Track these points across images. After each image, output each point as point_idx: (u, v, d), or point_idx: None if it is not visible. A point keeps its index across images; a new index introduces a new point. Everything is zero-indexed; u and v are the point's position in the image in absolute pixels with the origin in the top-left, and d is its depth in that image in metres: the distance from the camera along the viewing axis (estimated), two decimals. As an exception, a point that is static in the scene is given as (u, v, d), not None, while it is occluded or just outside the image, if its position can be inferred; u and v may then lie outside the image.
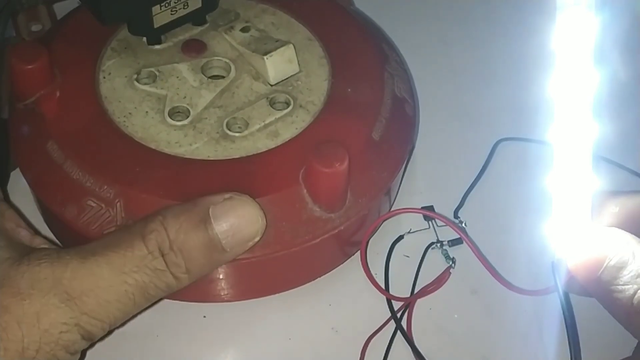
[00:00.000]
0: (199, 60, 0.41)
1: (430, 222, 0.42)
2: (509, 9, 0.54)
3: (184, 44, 0.42)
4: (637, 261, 0.32)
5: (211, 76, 0.41)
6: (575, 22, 0.32)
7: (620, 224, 0.34)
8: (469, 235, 0.41)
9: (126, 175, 0.36)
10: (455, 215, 0.43)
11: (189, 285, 0.34)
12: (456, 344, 0.38)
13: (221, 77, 0.41)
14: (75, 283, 0.31)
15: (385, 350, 0.37)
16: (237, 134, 0.38)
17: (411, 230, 0.42)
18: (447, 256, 0.41)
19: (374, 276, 0.40)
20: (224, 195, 0.33)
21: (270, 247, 0.36)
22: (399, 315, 0.38)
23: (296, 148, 0.38)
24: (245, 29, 0.42)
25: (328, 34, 0.43)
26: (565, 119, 0.33)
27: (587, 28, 0.32)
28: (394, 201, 0.43)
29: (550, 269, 0.35)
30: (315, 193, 0.36)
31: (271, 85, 0.40)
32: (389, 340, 0.37)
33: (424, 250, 0.41)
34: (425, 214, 0.41)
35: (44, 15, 0.45)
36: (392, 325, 0.38)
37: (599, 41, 0.32)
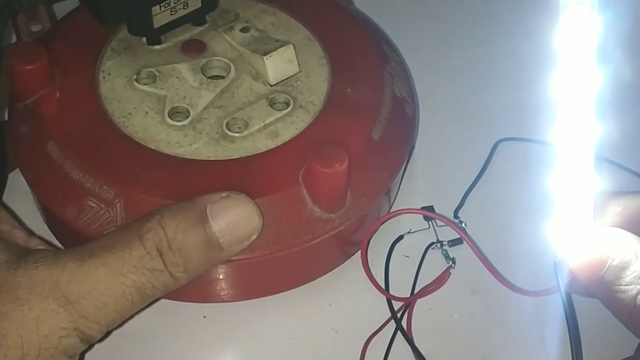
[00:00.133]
0: (198, 61, 0.41)
1: (430, 222, 0.42)
2: (510, 9, 0.54)
3: (184, 44, 0.42)
4: None
5: (211, 76, 0.41)
6: (578, 22, 0.32)
7: (622, 224, 0.34)
8: (469, 235, 0.41)
9: (126, 176, 0.36)
10: (455, 215, 0.43)
11: (189, 286, 0.34)
12: (456, 344, 0.38)
13: (221, 78, 0.41)
14: (73, 286, 0.31)
15: (385, 351, 0.37)
16: (237, 134, 0.38)
17: (411, 230, 0.42)
18: (447, 256, 0.41)
19: (374, 276, 0.40)
20: (221, 193, 0.33)
21: (270, 247, 0.36)
22: (399, 315, 0.38)
23: (296, 148, 0.38)
24: (245, 29, 0.42)
25: (328, 34, 0.43)
26: (568, 119, 0.33)
27: (590, 28, 0.32)
28: (394, 201, 0.43)
29: (553, 269, 0.35)
30: (315, 193, 0.36)
31: (271, 85, 0.40)
32: (389, 341, 0.37)
33: (424, 250, 0.41)
34: (426, 214, 0.41)
35: (44, 15, 0.45)
36: (392, 325, 0.38)
37: (601, 41, 0.32)
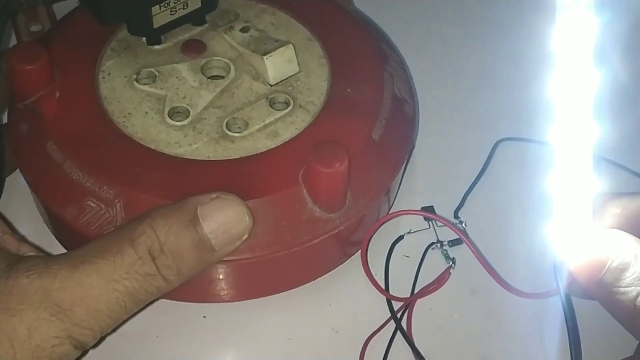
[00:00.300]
0: (198, 61, 0.41)
1: (430, 222, 0.42)
2: (510, 9, 0.54)
3: (184, 44, 0.42)
4: None
5: (211, 76, 0.41)
6: (576, 23, 0.32)
7: (621, 225, 0.34)
8: (469, 236, 0.41)
9: (126, 176, 0.36)
10: (456, 215, 0.43)
11: (189, 286, 0.34)
12: (456, 344, 0.38)
13: (221, 77, 0.41)
14: (64, 294, 0.30)
15: (385, 351, 0.37)
16: (237, 134, 0.38)
17: (411, 231, 0.42)
18: (447, 256, 0.41)
19: (374, 276, 0.40)
20: (211, 195, 0.33)
21: (270, 247, 0.36)
22: (399, 316, 0.38)
23: (296, 148, 0.38)
24: (244, 29, 0.42)
25: (328, 34, 0.43)
26: (566, 120, 0.33)
27: (587, 28, 0.32)
28: (394, 201, 0.43)
29: (552, 271, 0.35)
30: (315, 193, 0.36)
31: (271, 85, 0.40)
32: (388, 340, 0.37)
33: (424, 250, 0.41)
34: (425, 215, 0.41)
35: (44, 15, 0.45)
36: (392, 325, 0.38)
37: (599, 42, 0.32)
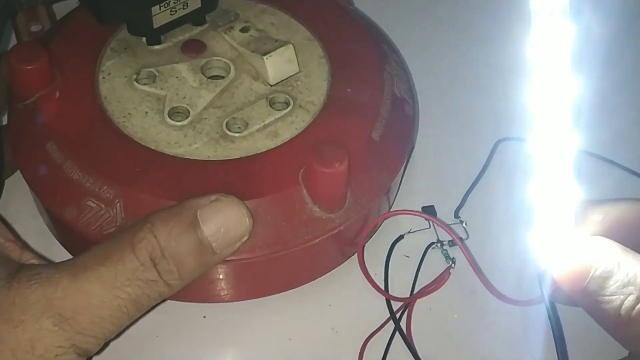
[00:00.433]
0: (198, 61, 0.41)
1: (430, 222, 0.42)
2: (509, 9, 0.54)
3: (184, 44, 0.42)
4: (623, 271, 0.31)
5: (211, 76, 0.41)
6: (551, 31, 0.32)
7: (604, 232, 0.34)
8: (468, 235, 0.42)
9: (126, 176, 0.36)
10: (456, 215, 0.43)
11: (189, 286, 0.34)
12: (456, 344, 0.38)
13: (221, 78, 0.41)
14: (67, 303, 0.30)
15: (384, 351, 0.37)
16: (237, 134, 0.38)
17: (411, 230, 0.42)
18: (447, 256, 0.41)
19: (374, 276, 0.39)
20: (210, 197, 0.33)
21: (270, 247, 0.36)
22: (398, 316, 0.38)
23: (296, 148, 0.38)
24: (244, 29, 0.42)
25: (328, 34, 0.43)
26: (546, 127, 0.33)
27: (564, 35, 0.32)
28: (394, 201, 0.43)
29: (537, 280, 0.34)
30: (315, 193, 0.36)
31: (271, 85, 0.40)
32: (387, 341, 0.37)
33: (424, 250, 0.41)
34: (421, 216, 0.41)
35: (44, 15, 0.45)
36: (392, 325, 0.38)
37: (576, 48, 0.32)
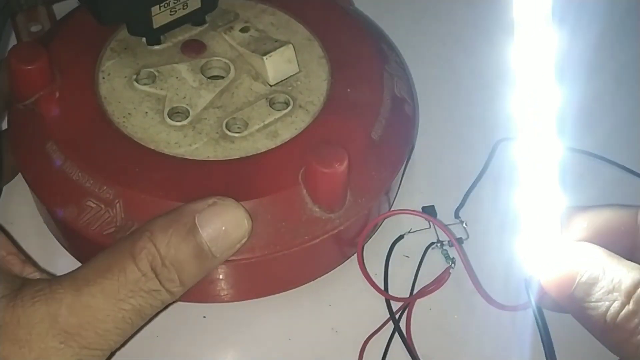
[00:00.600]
0: (198, 61, 0.41)
1: (430, 222, 0.42)
2: (509, 10, 0.54)
3: (184, 44, 0.42)
4: (608, 277, 0.31)
5: (211, 76, 0.41)
6: (535, 40, 0.32)
7: (589, 238, 0.34)
8: (469, 235, 0.42)
9: (126, 176, 0.36)
10: (456, 215, 0.43)
11: (189, 287, 0.34)
12: (456, 344, 0.38)
13: (221, 78, 0.41)
14: (71, 319, 0.30)
15: (384, 351, 0.37)
16: (237, 135, 0.38)
17: (411, 230, 0.42)
18: (447, 256, 0.41)
19: (374, 276, 0.39)
20: (208, 201, 0.33)
21: (270, 247, 0.36)
22: (398, 316, 0.38)
23: (296, 148, 0.38)
24: (244, 29, 0.42)
25: (327, 34, 0.43)
26: (530, 134, 0.33)
27: (548, 44, 0.32)
28: (394, 201, 0.43)
29: (524, 287, 0.34)
30: (314, 193, 0.36)
31: (271, 85, 0.40)
32: (387, 341, 0.37)
33: (424, 250, 0.41)
34: (422, 216, 0.41)
35: (44, 15, 0.45)
36: (392, 325, 0.38)
37: (559, 57, 0.32)
